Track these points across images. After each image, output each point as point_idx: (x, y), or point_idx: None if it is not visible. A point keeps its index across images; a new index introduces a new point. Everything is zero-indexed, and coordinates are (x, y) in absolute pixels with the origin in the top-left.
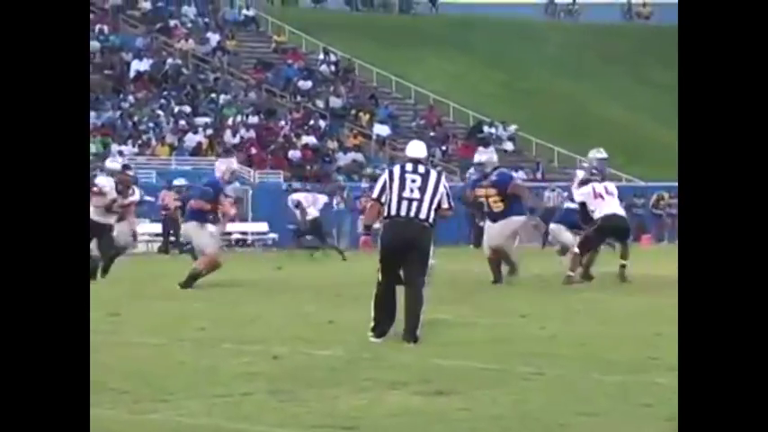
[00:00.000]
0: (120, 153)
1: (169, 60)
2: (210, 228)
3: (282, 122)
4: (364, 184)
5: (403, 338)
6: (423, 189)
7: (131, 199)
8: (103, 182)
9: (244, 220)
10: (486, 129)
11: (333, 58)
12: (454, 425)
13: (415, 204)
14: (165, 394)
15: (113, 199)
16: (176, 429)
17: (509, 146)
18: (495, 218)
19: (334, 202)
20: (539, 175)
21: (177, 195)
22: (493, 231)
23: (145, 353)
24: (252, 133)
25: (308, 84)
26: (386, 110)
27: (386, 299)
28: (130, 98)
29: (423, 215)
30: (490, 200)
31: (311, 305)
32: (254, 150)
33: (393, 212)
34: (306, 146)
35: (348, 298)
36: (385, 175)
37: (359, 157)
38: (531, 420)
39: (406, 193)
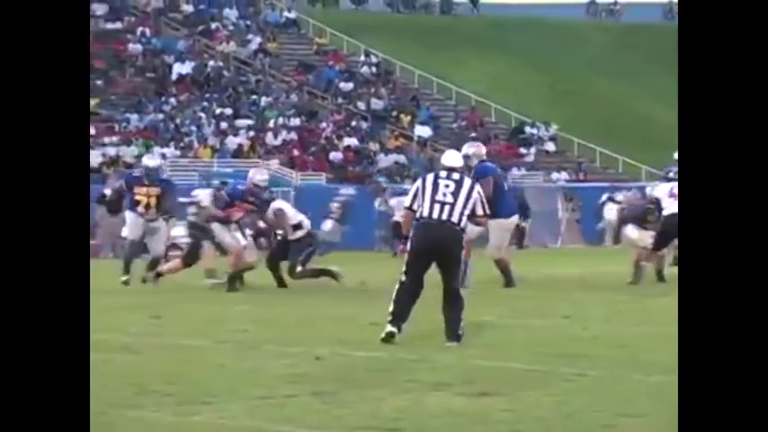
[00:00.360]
0: (163, 156)
1: (211, 63)
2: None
3: (324, 124)
4: (406, 186)
5: (447, 340)
6: (456, 194)
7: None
8: (201, 195)
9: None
10: (527, 129)
11: (374, 59)
12: (497, 426)
13: (447, 208)
14: (207, 396)
15: (212, 214)
16: (220, 431)
17: (551, 146)
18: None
19: (376, 203)
20: (581, 176)
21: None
22: (489, 244)
23: (188, 355)
24: (293, 135)
25: (350, 85)
26: (427, 111)
27: (405, 296)
28: (172, 101)
29: (455, 219)
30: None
31: (354, 307)
32: (295, 152)
33: (425, 214)
34: (347, 147)
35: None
36: (418, 183)
37: (400, 158)
38: (574, 422)
39: (439, 197)
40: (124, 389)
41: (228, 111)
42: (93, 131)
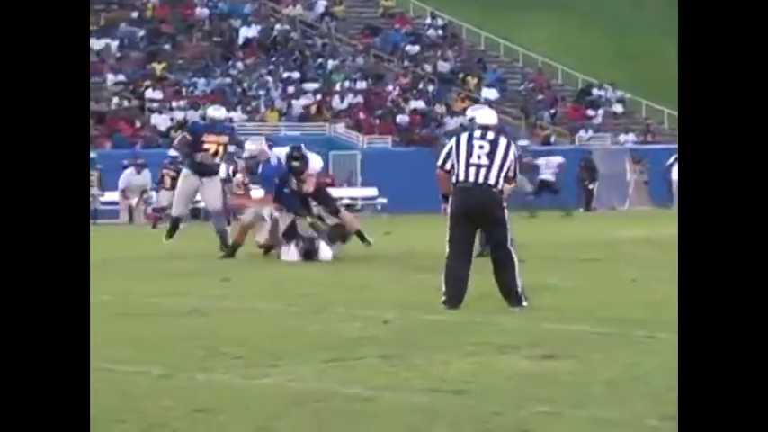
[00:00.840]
0: (230, 120)
1: (277, 26)
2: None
3: (390, 87)
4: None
5: (509, 306)
6: (491, 155)
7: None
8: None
9: (352, 184)
10: (594, 91)
11: (440, 21)
12: (564, 388)
13: (483, 171)
14: (276, 359)
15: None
16: (288, 394)
17: (618, 108)
18: None
19: None
20: (649, 138)
21: None
22: None
23: (256, 318)
24: (360, 98)
25: (416, 48)
26: (494, 73)
27: (456, 272)
28: (239, 65)
29: (491, 181)
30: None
31: (420, 271)
32: (361, 115)
33: (461, 178)
34: (414, 110)
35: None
36: (452, 143)
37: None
38: (641, 384)
39: (474, 160)
40: (193, 351)
41: (295, 74)
42: (161, 96)
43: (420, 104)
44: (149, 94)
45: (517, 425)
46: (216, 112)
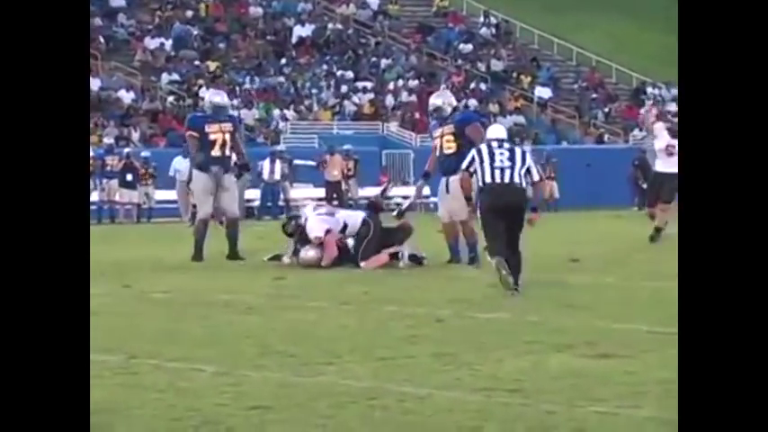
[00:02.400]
0: (284, 118)
1: (330, 25)
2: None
3: (443, 86)
4: (526, 147)
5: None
6: (512, 159)
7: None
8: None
9: (406, 183)
10: (649, 90)
11: (493, 20)
12: (619, 388)
13: (507, 172)
14: (330, 357)
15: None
16: (342, 392)
17: (673, 107)
18: (446, 165)
19: None
20: None
21: (344, 160)
22: (455, 203)
23: (310, 316)
24: (413, 97)
25: (469, 47)
26: (547, 72)
27: (501, 249)
28: (293, 63)
29: (516, 180)
30: (444, 139)
31: (473, 269)
32: (415, 114)
33: (488, 180)
34: (467, 109)
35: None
36: (474, 153)
37: (520, 119)
38: None
39: (497, 164)
40: (248, 350)
41: (348, 73)
42: None
43: (473, 103)
44: (203, 92)
45: (571, 424)
46: (217, 96)
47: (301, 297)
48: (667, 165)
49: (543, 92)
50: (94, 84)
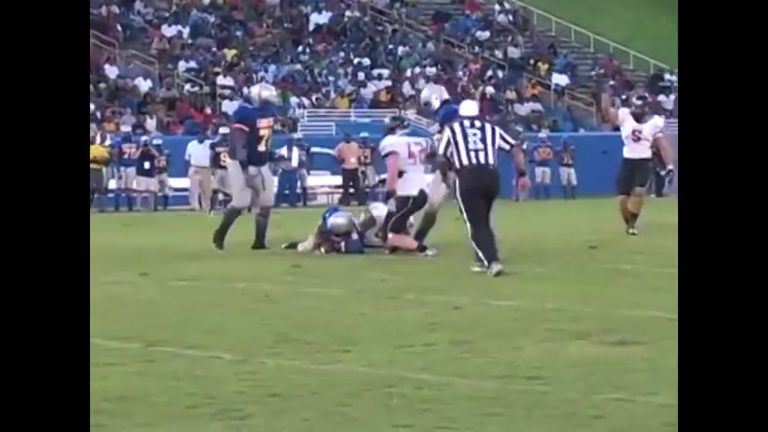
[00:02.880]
0: (301, 106)
1: (347, 13)
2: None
3: (460, 73)
4: (542, 134)
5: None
6: (484, 140)
7: None
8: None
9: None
10: (666, 76)
11: (510, 7)
12: (638, 375)
13: (482, 154)
14: (347, 345)
15: None
16: (359, 380)
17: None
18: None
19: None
20: None
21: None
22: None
23: (327, 304)
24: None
25: (486, 34)
26: (564, 59)
27: (485, 235)
28: (309, 51)
29: (491, 161)
30: (435, 137)
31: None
32: None
33: (465, 162)
34: (484, 96)
35: (530, 249)
36: (448, 133)
37: (537, 106)
38: None
39: (471, 146)
40: (264, 337)
41: (365, 60)
42: (231, 82)
43: (490, 90)
44: (220, 80)
45: (589, 411)
46: (266, 91)
47: (318, 285)
48: (634, 151)
49: (560, 79)
50: (111, 72)
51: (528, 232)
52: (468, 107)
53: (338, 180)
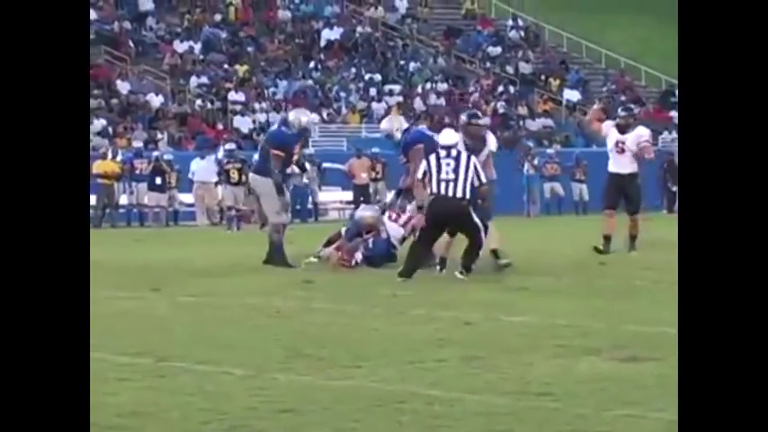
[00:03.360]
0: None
1: (359, 29)
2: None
3: (472, 89)
4: (550, 150)
5: (459, 268)
6: (456, 170)
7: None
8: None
9: None
10: (678, 92)
11: (521, 23)
12: (649, 391)
13: (451, 185)
14: (359, 360)
15: None
16: (371, 395)
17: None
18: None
19: (525, 167)
20: None
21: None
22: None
23: (338, 320)
24: (441, 100)
25: (498, 50)
26: (576, 75)
27: (418, 254)
28: (321, 67)
29: (459, 193)
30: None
31: (501, 272)
32: (445, 118)
33: (434, 191)
34: (495, 112)
35: (541, 265)
36: (425, 163)
37: (548, 122)
38: None
39: (443, 176)
40: (276, 352)
41: (377, 76)
42: (243, 98)
43: (502, 105)
44: (232, 96)
45: (601, 427)
46: (306, 117)
47: (330, 300)
48: (618, 164)
49: (572, 95)
50: (123, 87)
51: (539, 248)
52: (447, 136)
53: (349, 195)
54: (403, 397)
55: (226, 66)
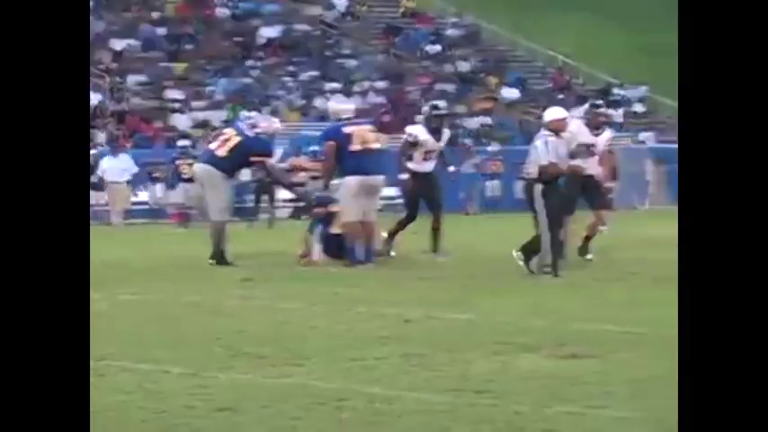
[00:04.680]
0: (250, 119)
1: (298, 26)
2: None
3: (411, 87)
4: (491, 148)
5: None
6: None
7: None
8: (416, 130)
9: None
10: (616, 90)
11: (461, 21)
12: (588, 388)
13: None
14: (300, 358)
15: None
16: (311, 393)
17: (639, 107)
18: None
19: (464, 165)
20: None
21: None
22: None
23: (280, 317)
24: (381, 98)
25: (437, 48)
26: (514, 73)
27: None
28: (260, 65)
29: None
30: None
31: (443, 269)
32: (383, 115)
33: None
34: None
35: (481, 262)
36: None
37: (487, 120)
38: (664, 384)
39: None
40: (216, 351)
41: (316, 74)
42: (182, 96)
43: (441, 104)
44: (170, 93)
45: (540, 425)
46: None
47: (270, 298)
48: (586, 165)
49: (511, 93)
50: None
51: (479, 245)
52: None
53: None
54: (343, 395)
55: (164, 64)
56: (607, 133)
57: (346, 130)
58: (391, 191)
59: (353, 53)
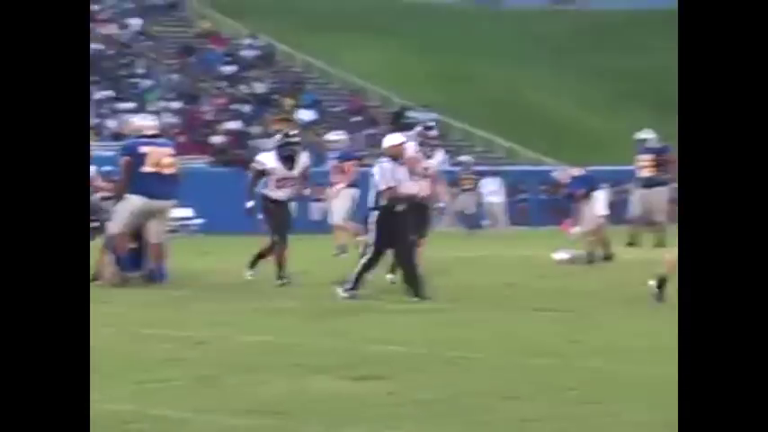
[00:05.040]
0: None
1: (92, 45)
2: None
3: (206, 107)
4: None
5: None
6: None
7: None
8: (265, 158)
9: None
10: (409, 113)
11: (257, 43)
12: (381, 409)
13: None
14: None
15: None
16: (97, 415)
17: (432, 131)
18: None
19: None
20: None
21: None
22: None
23: None
24: (175, 119)
25: (232, 69)
26: (310, 95)
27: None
28: None
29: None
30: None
31: (235, 290)
32: (179, 137)
33: None
34: (229, 131)
35: (273, 284)
36: None
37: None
38: (457, 404)
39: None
40: None
41: (110, 93)
42: None
43: (236, 125)
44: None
45: None
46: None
47: None
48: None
49: (306, 114)
50: None
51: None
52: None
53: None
54: (131, 417)
55: None
56: (439, 155)
57: (143, 149)
58: (187, 212)
59: (147, 73)
